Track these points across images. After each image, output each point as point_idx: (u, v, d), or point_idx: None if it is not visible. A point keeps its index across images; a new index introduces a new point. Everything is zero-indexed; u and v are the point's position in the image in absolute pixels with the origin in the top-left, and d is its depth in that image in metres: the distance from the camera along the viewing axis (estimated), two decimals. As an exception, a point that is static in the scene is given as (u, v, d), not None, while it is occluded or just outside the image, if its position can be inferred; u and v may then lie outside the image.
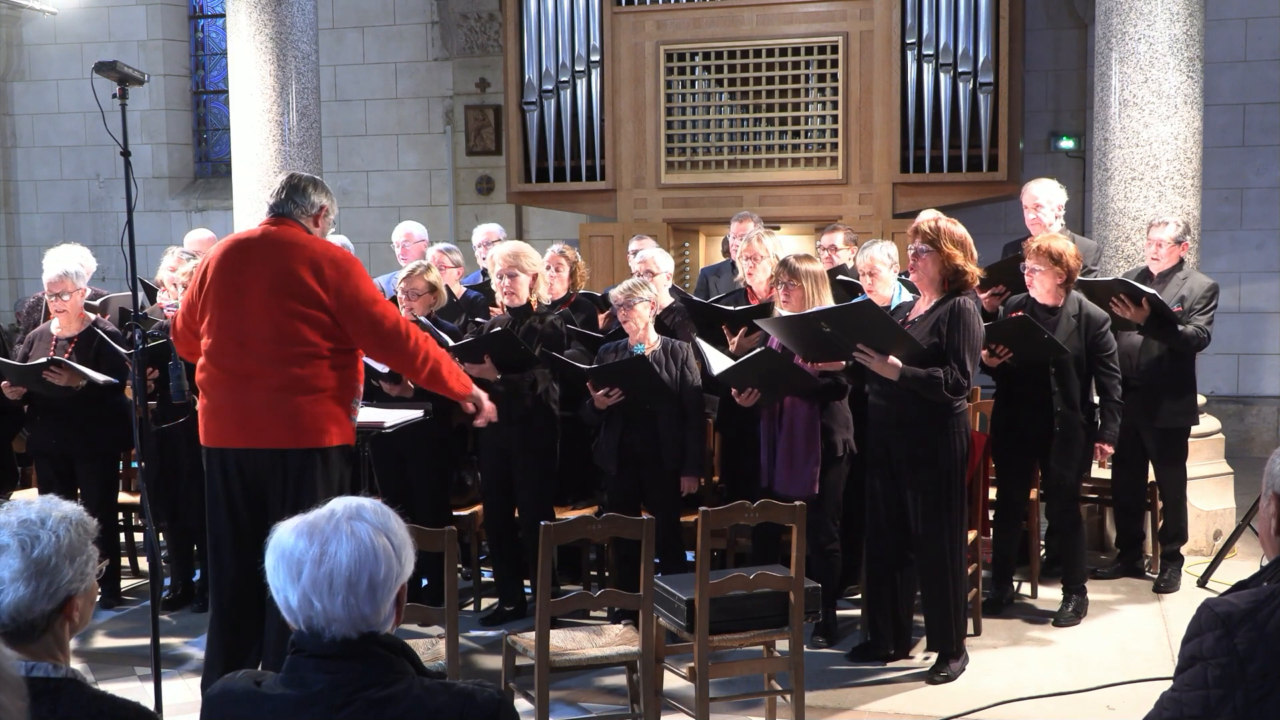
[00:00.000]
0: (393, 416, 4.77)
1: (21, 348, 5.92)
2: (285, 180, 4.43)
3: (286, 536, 1.99)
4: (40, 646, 2.00)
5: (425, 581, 5.66)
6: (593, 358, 5.54)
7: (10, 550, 1.96)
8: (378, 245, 10.02)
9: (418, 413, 4.87)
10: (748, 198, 8.58)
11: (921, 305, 4.88)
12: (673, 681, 4.40)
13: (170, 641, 5.37)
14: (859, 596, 5.44)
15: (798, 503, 4.28)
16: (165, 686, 4.32)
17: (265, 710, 1.98)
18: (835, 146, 8.58)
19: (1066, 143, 9.70)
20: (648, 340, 5.43)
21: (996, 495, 5.67)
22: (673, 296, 6.12)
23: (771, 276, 5.39)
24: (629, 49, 8.84)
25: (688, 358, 5.43)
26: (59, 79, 11.84)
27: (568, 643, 4.18)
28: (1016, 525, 5.72)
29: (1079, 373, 5.42)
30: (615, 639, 4.25)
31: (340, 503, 2.02)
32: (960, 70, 8.25)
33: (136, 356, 4.29)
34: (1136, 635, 5.41)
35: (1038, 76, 9.76)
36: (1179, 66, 6.64)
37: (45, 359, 5.55)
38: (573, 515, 5.57)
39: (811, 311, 4.84)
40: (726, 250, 7.19)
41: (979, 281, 5.02)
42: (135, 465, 6.18)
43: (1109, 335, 5.48)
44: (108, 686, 2.10)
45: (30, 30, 11.95)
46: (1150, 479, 6.19)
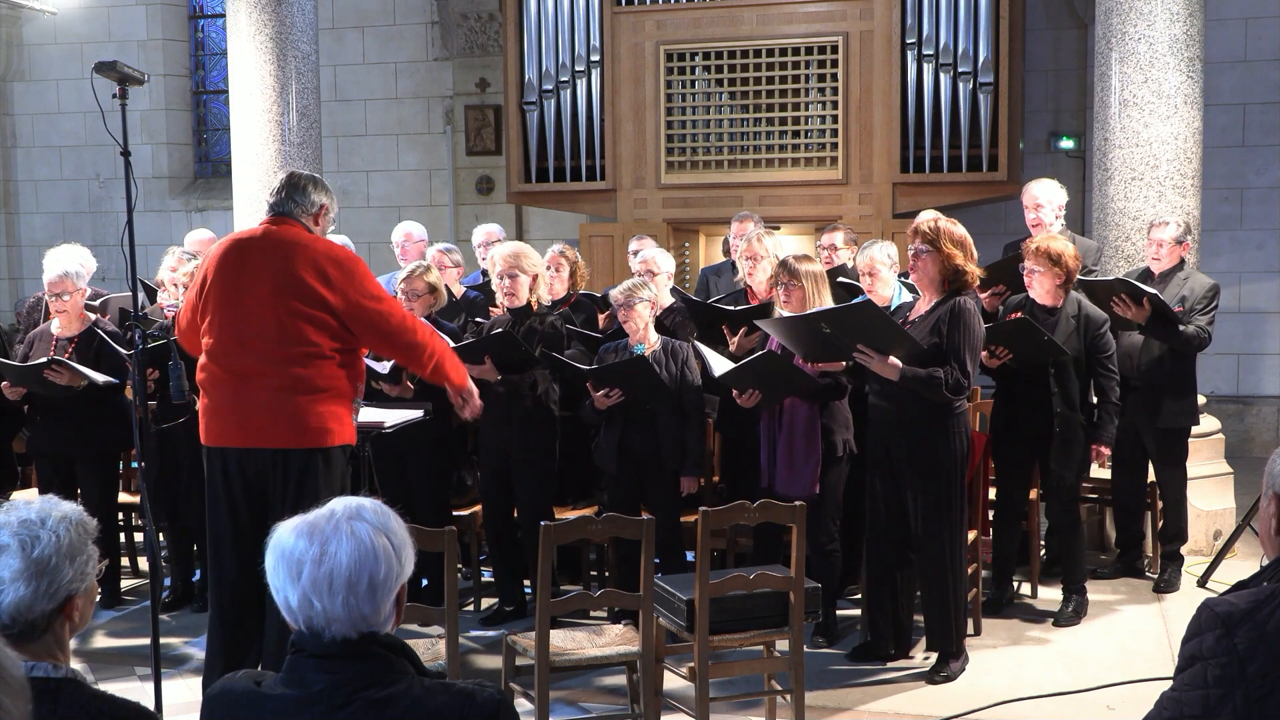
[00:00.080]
0: (393, 416, 4.78)
1: (22, 348, 5.92)
2: (285, 179, 4.42)
3: (286, 536, 1.99)
4: (40, 646, 2.00)
5: (425, 581, 5.67)
6: (593, 358, 5.54)
7: (10, 550, 1.96)
8: (378, 245, 10.02)
9: (418, 413, 4.88)
10: (748, 198, 8.58)
11: (922, 305, 4.88)
12: (673, 681, 4.40)
13: (170, 641, 5.37)
14: (859, 596, 5.44)
15: (798, 503, 4.28)
16: (165, 686, 4.32)
17: (265, 710, 1.99)
18: (835, 146, 8.58)
19: (1066, 143, 9.69)
20: (648, 340, 5.43)
21: (996, 495, 5.67)
22: (673, 297, 6.13)
23: (771, 277, 5.39)
24: (629, 49, 8.84)
25: (688, 358, 5.42)
26: (59, 79, 11.84)
27: (568, 643, 4.18)
28: (1016, 525, 5.73)
29: (1078, 373, 5.42)
30: (615, 639, 4.25)
31: (340, 503, 2.02)
32: (960, 70, 8.25)
33: (136, 356, 4.28)
34: (1136, 635, 5.41)
35: (1038, 76, 9.76)
36: (1179, 66, 6.64)
37: (45, 359, 5.55)
38: (573, 515, 5.57)
39: (812, 312, 4.83)
40: (727, 250, 7.19)
41: (979, 281, 5.02)
42: (135, 465, 6.18)
43: (1108, 336, 5.48)
44: (108, 686, 2.10)
45: (30, 30, 11.95)
46: (1150, 479, 6.20)
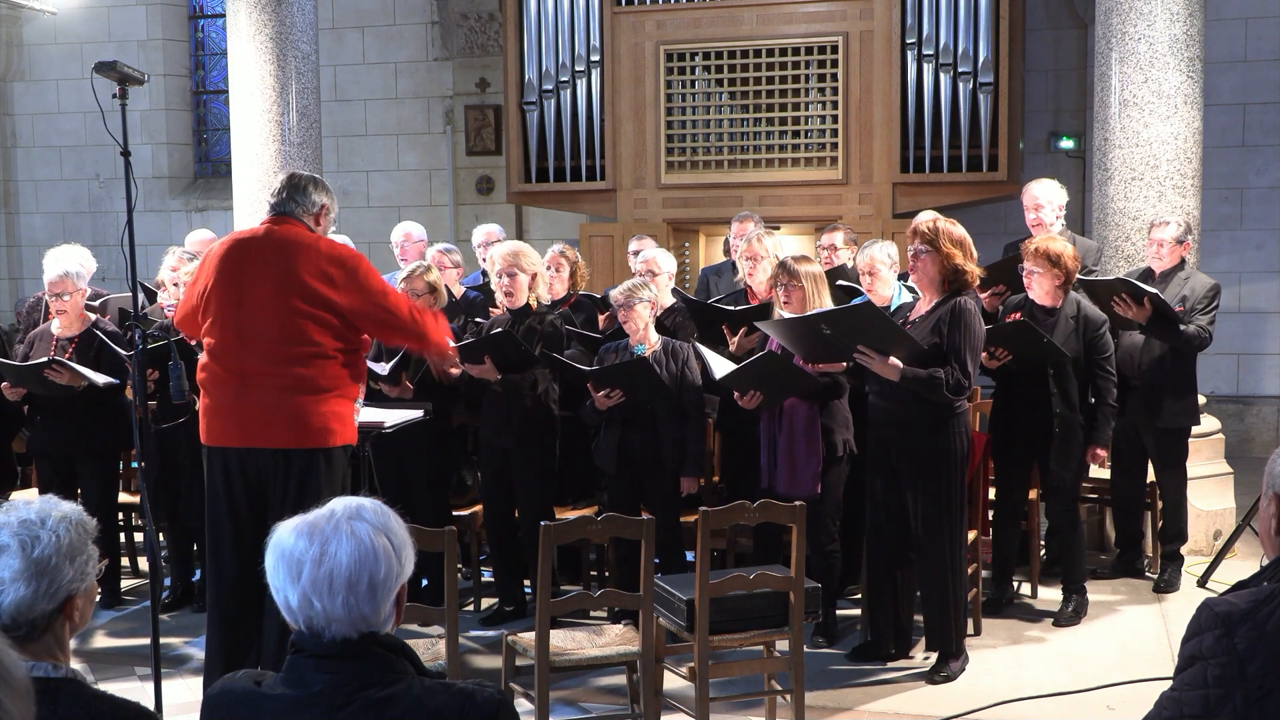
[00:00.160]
0: (393, 416, 4.78)
1: (22, 348, 5.92)
2: (286, 179, 4.42)
3: (286, 536, 1.99)
4: (40, 646, 2.00)
5: (425, 581, 5.66)
6: (592, 358, 5.54)
7: (10, 550, 1.96)
8: (377, 245, 10.01)
9: (418, 413, 4.88)
10: (748, 198, 8.58)
11: (922, 306, 4.88)
12: (673, 681, 4.40)
13: (170, 641, 5.37)
14: (859, 596, 5.44)
15: (798, 503, 4.28)
16: (165, 686, 4.32)
17: (265, 710, 1.98)
18: (835, 146, 8.58)
19: (1066, 143, 9.69)
20: (648, 341, 5.42)
21: (996, 495, 5.67)
22: (674, 297, 6.12)
23: (771, 277, 5.39)
24: (629, 49, 8.84)
25: (688, 358, 5.42)
26: (59, 79, 11.84)
27: (568, 643, 4.18)
28: (1016, 525, 5.73)
29: (1078, 374, 5.42)
30: (615, 639, 4.25)
31: (340, 503, 2.02)
32: (960, 70, 8.25)
33: (136, 357, 4.28)
34: (1136, 635, 5.41)
35: (1038, 76, 9.76)
36: (1179, 66, 6.64)
37: (45, 359, 5.55)
38: (573, 515, 5.57)
39: (812, 313, 4.83)
40: (727, 250, 7.19)
41: (979, 281, 5.01)
42: (135, 465, 6.18)
43: (1107, 337, 5.48)
44: (108, 686, 2.10)
45: (30, 30, 11.95)
46: (1150, 479, 6.20)
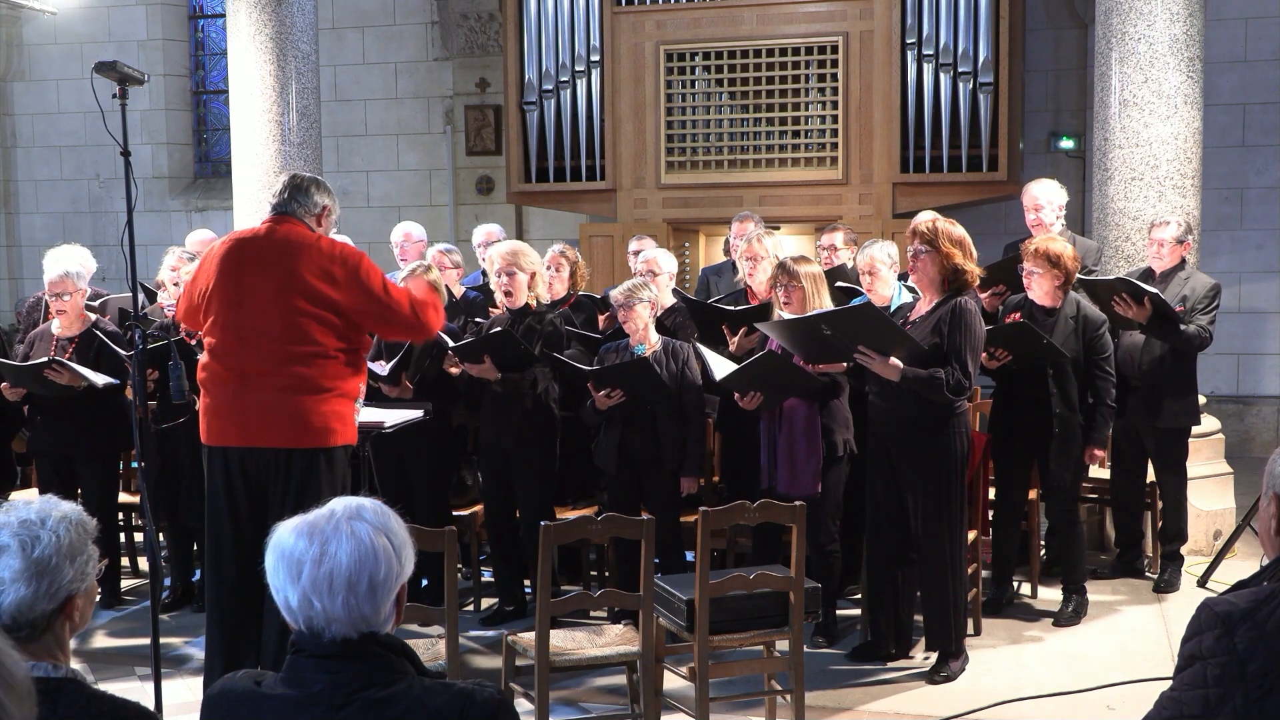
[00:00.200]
0: (393, 416, 4.78)
1: (22, 347, 5.92)
2: (288, 180, 4.43)
3: (286, 536, 1.99)
4: (40, 646, 2.00)
5: (425, 581, 5.66)
6: (592, 359, 5.54)
7: (11, 551, 1.96)
8: (377, 245, 10.01)
9: (418, 413, 4.88)
10: (748, 198, 8.58)
11: (922, 306, 4.88)
12: (673, 681, 4.40)
13: (170, 641, 5.37)
14: (859, 596, 5.44)
15: (798, 503, 4.28)
16: (165, 686, 4.32)
17: (265, 710, 1.98)
18: (835, 146, 8.58)
19: (1066, 143, 9.69)
20: (648, 341, 5.42)
21: (996, 495, 5.67)
22: (674, 297, 6.12)
23: (771, 278, 5.38)
24: (629, 49, 8.84)
25: (688, 358, 5.42)
26: (59, 79, 11.84)
27: (568, 643, 4.18)
28: (1016, 525, 5.72)
29: (1077, 374, 5.42)
30: (615, 639, 4.25)
31: (340, 503, 2.02)
32: (960, 70, 8.25)
33: (136, 357, 4.28)
34: (1136, 635, 5.41)
35: (1038, 76, 9.76)
36: (1179, 66, 6.63)
37: (45, 359, 5.55)
38: (573, 515, 5.57)
39: (812, 314, 4.83)
40: (728, 250, 7.19)
41: (979, 281, 5.01)
42: (135, 465, 6.18)
43: (1106, 337, 5.48)
44: (108, 686, 2.10)
45: (30, 30, 11.95)
46: (1150, 479, 6.19)
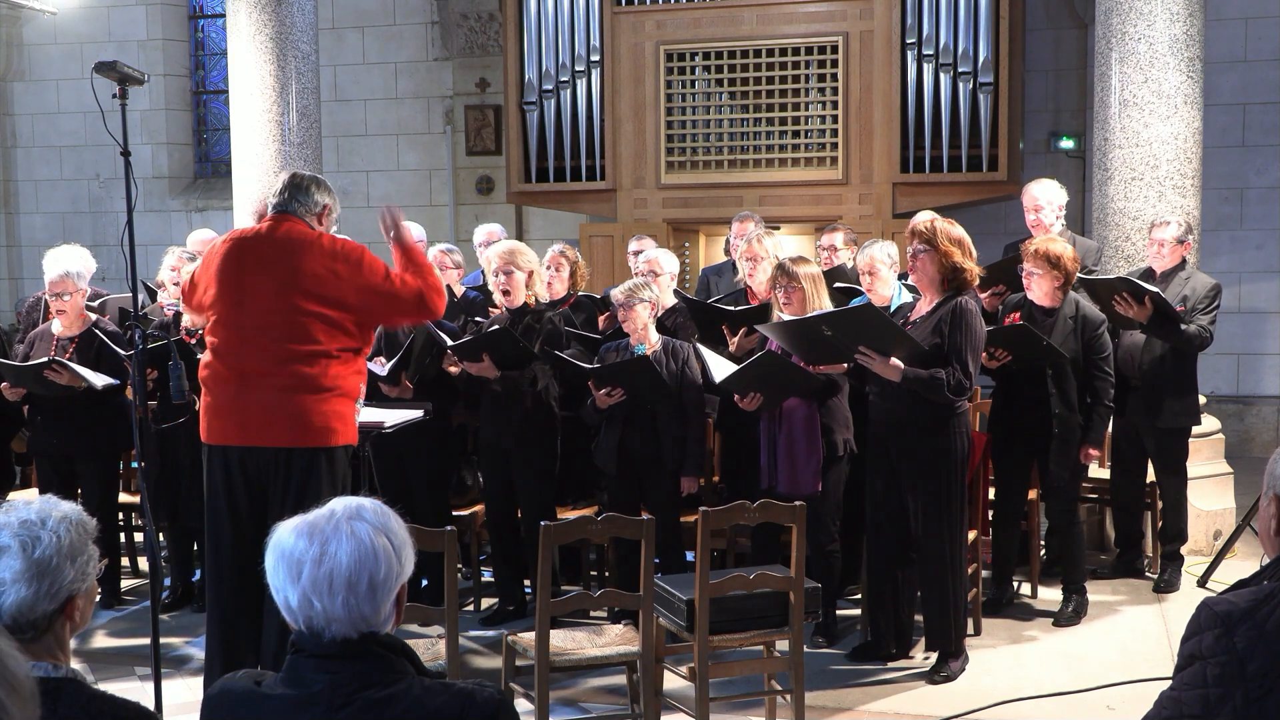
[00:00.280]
0: (393, 416, 4.77)
1: (22, 347, 5.92)
2: (288, 179, 4.41)
3: (286, 536, 1.99)
4: (41, 646, 1.99)
5: (425, 581, 5.66)
6: (592, 359, 5.54)
7: (12, 551, 1.96)
8: (377, 245, 9.98)
9: (418, 413, 4.88)
10: (748, 198, 8.58)
11: (923, 306, 4.87)
12: (673, 681, 4.40)
13: (170, 641, 5.37)
14: (859, 596, 5.44)
15: (798, 503, 4.28)
16: (165, 686, 4.32)
17: (265, 710, 1.98)
18: (835, 146, 8.58)
19: (1066, 143, 9.69)
20: (648, 340, 5.42)
21: (996, 495, 5.67)
22: (675, 298, 6.12)
23: (770, 279, 5.38)
24: (629, 49, 8.84)
25: (688, 357, 5.42)
26: (59, 79, 11.84)
27: (568, 643, 4.18)
28: (1016, 525, 5.72)
29: (1076, 374, 5.42)
30: (615, 639, 4.25)
31: (340, 503, 2.02)
32: (960, 70, 8.25)
33: (136, 357, 4.28)
34: (1136, 635, 5.41)
35: (1038, 76, 9.75)
36: (1179, 66, 6.63)
37: (45, 359, 5.55)
38: (573, 515, 5.57)
39: (812, 315, 4.82)
40: (728, 250, 7.19)
41: (979, 280, 5.01)
42: (135, 465, 6.18)
43: (1105, 337, 5.48)
44: (108, 686, 2.10)
45: (30, 30, 11.95)
46: (1150, 479, 6.19)
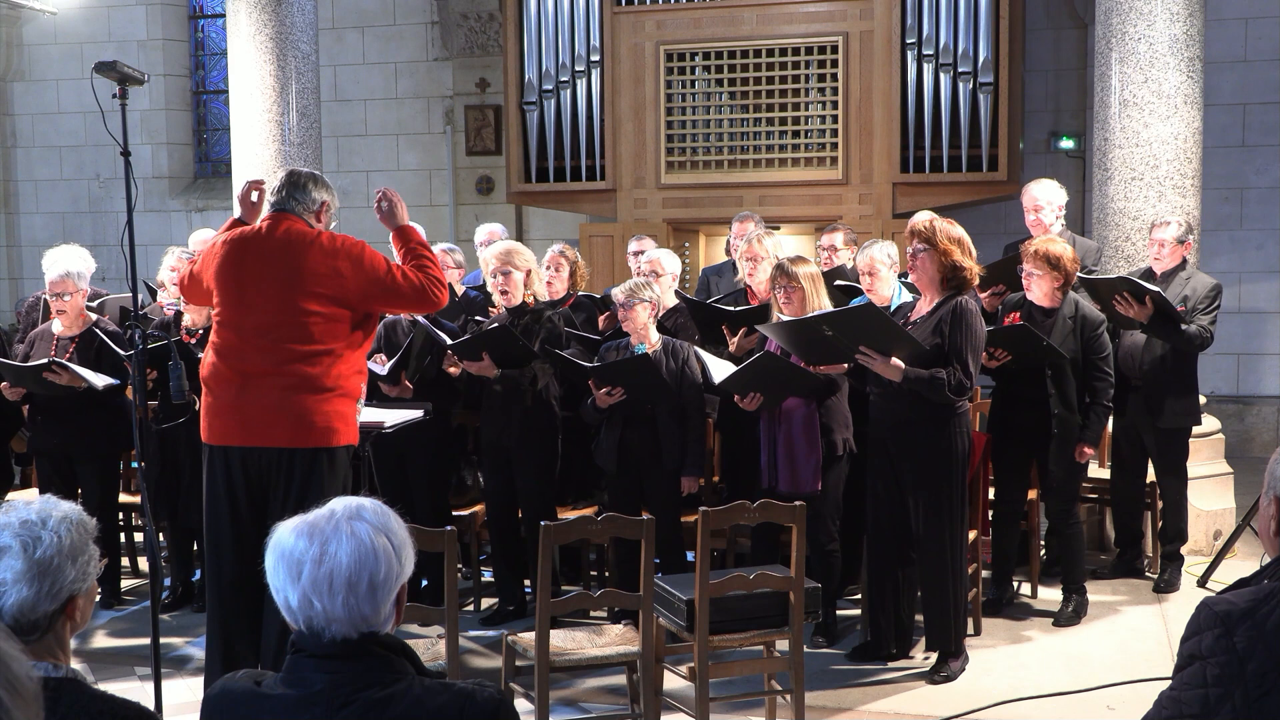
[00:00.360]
0: (393, 416, 4.77)
1: (22, 347, 5.92)
2: (286, 177, 4.40)
3: (286, 536, 1.98)
4: (41, 646, 1.99)
5: (425, 581, 5.67)
6: (592, 359, 5.54)
7: (12, 551, 1.96)
8: (377, 245, 9.98)
9: (418, 413, 4.88)
10: (748, 198, 8.58)
11: (923, 306, 4.87)
12: (673, 681, 4.40)
13: (170, 641, 5.37)
14: (859, 596, 5.44)
15: (798, 503, 4.28)
16: (165, 686, 4.32)
17: (265, 710, 1.98)
18: (835, 146, 8.58)
19: (1066, 143, 9.69)
20: (649, 340, 5.42)
21: (996, 495, 5.67)
22: (676, 298, 6.12)
23: (770, 279, 5.38)
24: (629, 49, 8.84)
25: (688, 357, 5.42)
26: (59, 79, 11.84)
27: (568, 643, 4.18)
28: (1016, 525, 5.72)
29: (1076, 374, 5.42)
30: (615, 639, 4.25)
31: (340, 503, 2.02)
32: (960, 70, 8.25)
33: (136, 357, 4.28)
34: (1136, 635, 5.41)
35: (1038, 76, 9.75)
36: (1179, 66, 6.63)
37: (44, 360, 5.55)
38: (573, 515, 5.57)
39: (812, 315, 4.82)
40: (728, 250, 7.19)
41: (979, 280, 5.01)
42: (135, 465, 6.18)
43: (1104, 337, 5.48)
44: (108, 686, 2.10)
45: (30, 30, 11.95)
46: (1150, 479, 6.19)
